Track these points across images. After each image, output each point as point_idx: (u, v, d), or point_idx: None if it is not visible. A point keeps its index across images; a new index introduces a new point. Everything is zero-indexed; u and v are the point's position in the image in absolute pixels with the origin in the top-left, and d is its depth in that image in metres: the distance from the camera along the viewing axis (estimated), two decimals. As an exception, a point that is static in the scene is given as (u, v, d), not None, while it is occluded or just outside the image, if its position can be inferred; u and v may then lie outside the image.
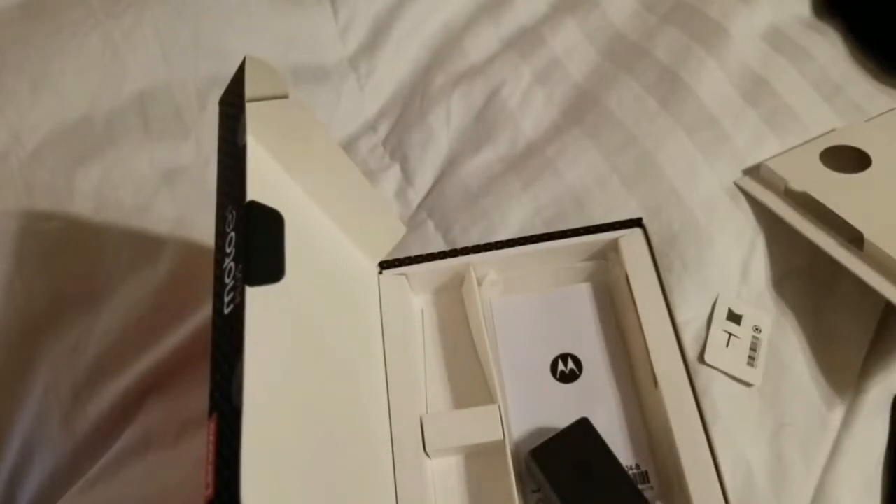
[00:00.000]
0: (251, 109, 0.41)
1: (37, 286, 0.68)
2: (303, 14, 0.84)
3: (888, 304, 0.58)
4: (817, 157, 0.67)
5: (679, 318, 0.58)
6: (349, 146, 0.79)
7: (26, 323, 0.67)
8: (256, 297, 0.37)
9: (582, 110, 0.77)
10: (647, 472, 0.55)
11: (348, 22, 0.85)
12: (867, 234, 0.59)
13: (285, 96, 0.45)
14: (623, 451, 0.55)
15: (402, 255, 0.63)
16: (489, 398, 0.57)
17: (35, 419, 0.64)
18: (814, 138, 0.71)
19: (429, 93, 0.81)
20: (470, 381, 0.60)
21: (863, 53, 0.79)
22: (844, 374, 0.61)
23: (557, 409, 0.58)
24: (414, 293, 0.64)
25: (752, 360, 0.60)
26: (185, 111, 0.76)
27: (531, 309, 0.62)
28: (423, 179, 0.76)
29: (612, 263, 0.63)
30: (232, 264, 0.38)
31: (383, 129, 0.81)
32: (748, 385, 0.59)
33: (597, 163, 0.71)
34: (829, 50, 0.79)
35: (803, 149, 0.69)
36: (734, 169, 0.69)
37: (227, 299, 0.37)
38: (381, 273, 0.62)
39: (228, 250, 0.38)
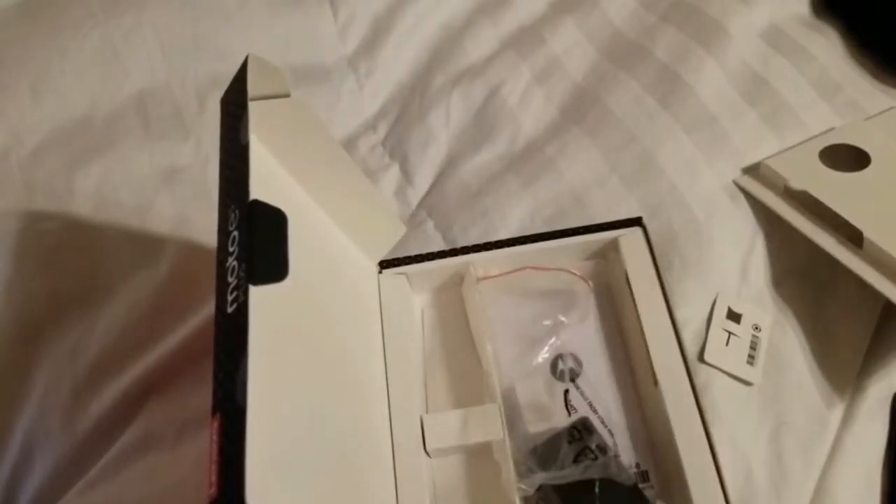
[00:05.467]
0: (253, 108, 0.41)
1: (37, 286, 0.68)
2: (302, 14, 0.84)
3: (888, 302, 0.58)
4: (817, 155, 0.67)
5: (679, 317, 0.58)
6: (349, 146, 0.79)
7: (26, 323, 0.67)
8: (260, 296, 0.37)
9: (581, 109, 0.77)
10: (647, 472, 0.55)
11: (348, 21, 0.85)
12: (866, 233, 0.59)
13: (287, 95, 0.45)
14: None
15: (401, 255, 0.63)
16: (489, 398, 0.57)
17: (35, 419, 0.64)
18: (813, 137, 0.71)
19: (428, 92, 0.81)
20: (470, 380, 0.60)
21: (862, 52, 0.80)
22: (844, 372, 0.61)
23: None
24: (414, 292, 0.64)
25: (751, 358, 0.60)
26: (185, 111, 0.76)
27: (531, 309, 0.62)
28: (423, 179, 0.76)
29: (612, 263, 0.63)
30: (235, 263, 0.38)
31: (383, 129, 0.81)
32: (748, 384, 0.59)
33: (596, 162, 0.71)
34: (829, 49, 0.79)
35: (803, 148, 0.69)
36: (734, 168, 0.69)
37: (230, 298, 0.37)
38: (381, 272, 0.62)
39: (231, 249, 0.38)
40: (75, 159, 0.72)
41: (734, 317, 0.62)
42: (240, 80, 0.42)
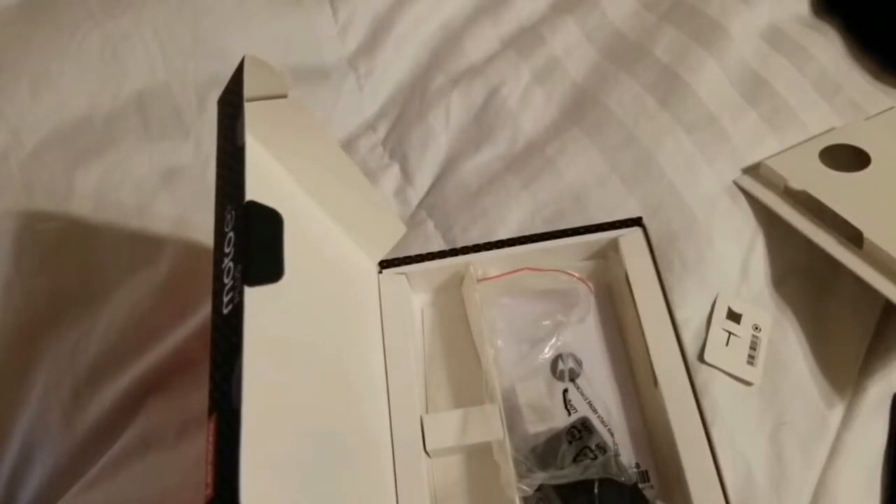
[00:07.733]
0: (250, 109, 0.41)
1: (36, 286, 0.68)
2: (302, 14, 0.84)
3: (887, 302, 0.58)
4: (816, 155, 0.67)
5: (679, 317, 0.58)
6: (348, 146, 0.79)
7: (26, 323, 0.67)
8: (255, 297, 0.37)
9: (581, 109, 0.77)
10: (647, 472, 0.55)
11: (347, 22, 0.85)
12: (866, 233, 0.59)
13: (284, 96, 0.45)
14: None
15: (401, 255, 0.63)
16: (489, 398, 0.57)
17: (35, 419, 0.64)
18: (813, 137, 0.71)
19: (428, 92, 0.81)
20: (470, 381, 0.60)
21: (861, 52, 0.79)
22: (844, 372, 0.61)
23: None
24: (414, 292, 0.64)
25: (751, 358, 0.60)
26: (185, 111, 0.76)
27: (531, 309, 0.62)
28: (423, 179, 0.76)
29: (612, 263, 0.63)
30: (231, 264, 0.38)
31: (383, 129, 0.81)
32: (748, 384, 0.59)
33: (596, 162, 0.71)
34: (829, 49, 0.79)
35: (803, 147, 0.69)
36: (734, 168, 0.69)
37: (226, 299, 0.37)
38: (381, 272, 0.62)
39: (227, 250, 0.38)
40: (75, 159, 0.72)
41: (734, 317, 0.62)
42: (236, 80, 0.42)
